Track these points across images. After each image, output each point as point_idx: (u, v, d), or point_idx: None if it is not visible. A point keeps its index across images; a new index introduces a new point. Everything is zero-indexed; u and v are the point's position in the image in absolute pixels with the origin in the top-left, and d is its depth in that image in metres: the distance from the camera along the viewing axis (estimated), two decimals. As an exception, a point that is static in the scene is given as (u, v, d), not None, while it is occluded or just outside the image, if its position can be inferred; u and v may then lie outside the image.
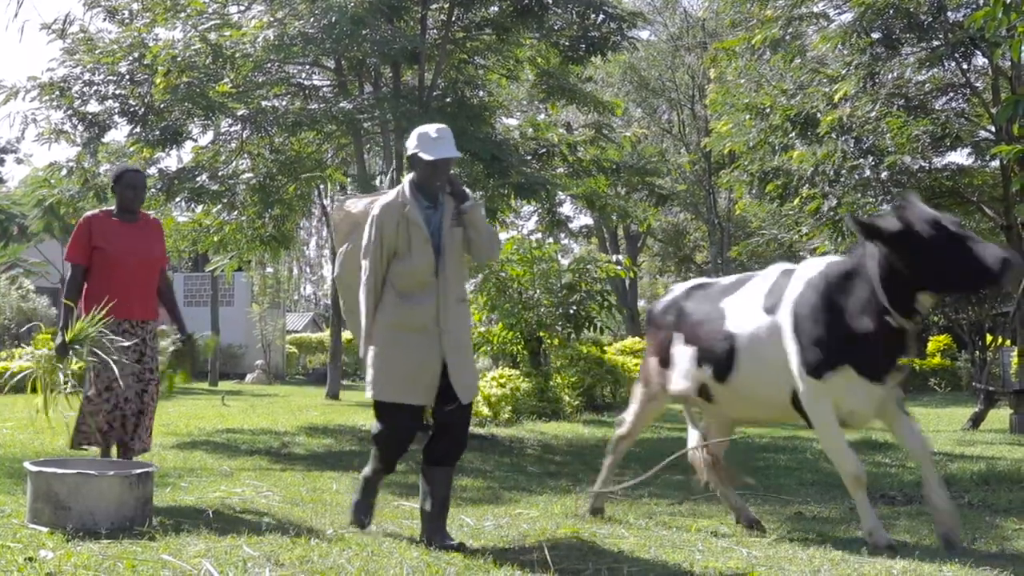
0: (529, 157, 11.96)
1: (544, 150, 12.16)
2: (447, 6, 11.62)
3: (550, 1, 11.40)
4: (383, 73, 12.22)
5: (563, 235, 18.98)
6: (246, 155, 12.19)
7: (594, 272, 14.61)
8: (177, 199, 11.78)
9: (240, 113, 11.11)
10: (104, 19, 11.86)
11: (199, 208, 12.30)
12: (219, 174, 11.89)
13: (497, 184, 11.07)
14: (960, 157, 25.95)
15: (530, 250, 14.93)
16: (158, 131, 10.87)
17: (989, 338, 20.58)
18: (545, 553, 4.62)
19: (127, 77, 11.13)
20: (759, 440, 12.11)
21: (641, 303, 42.22)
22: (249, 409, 14.68)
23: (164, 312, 6.22)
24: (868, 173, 13.02)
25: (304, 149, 12.92)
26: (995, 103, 12.82)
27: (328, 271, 33.40)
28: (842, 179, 12.69)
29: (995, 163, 13.17)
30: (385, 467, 5.18)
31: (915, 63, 12.94)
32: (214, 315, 26.45)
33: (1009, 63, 12.50)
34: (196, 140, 12.49)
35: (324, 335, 30.33)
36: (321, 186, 17.01)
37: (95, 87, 11.18)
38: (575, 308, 14.09)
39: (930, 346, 35.12)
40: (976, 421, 13.23)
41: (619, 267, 14.66)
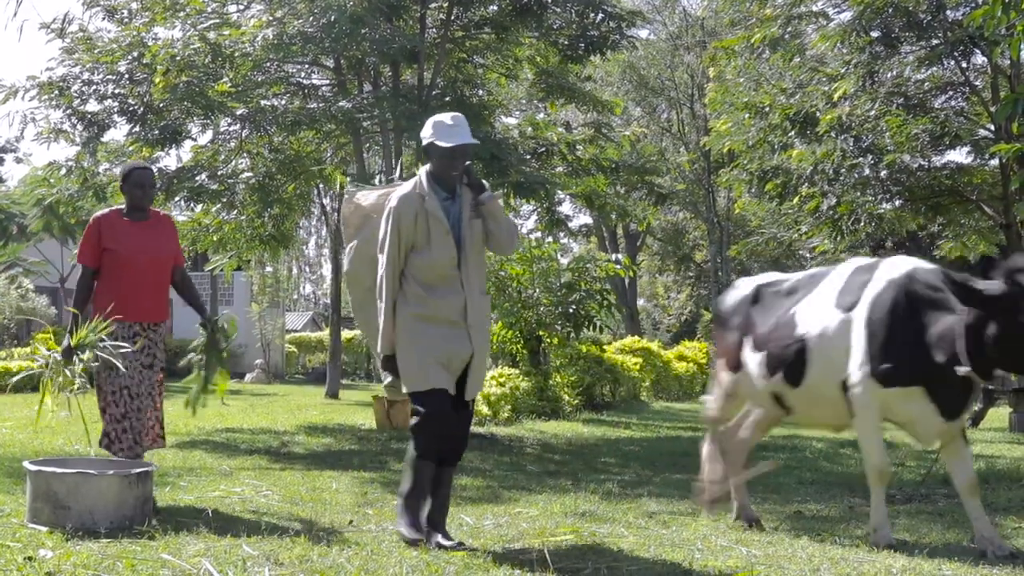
0: (528, 156, 11.96)
1: (543, 149, 12.15)
2: (446, 5, 11.62)
3: (549, 0, 11.40)
4: (382, 72, 12.22)
5: (562, 234, 18.94)
6: (245, 154, 12.19)
7: (593, 271, 14.59)
8: (176, 198, 11.79)
9: (239, 112, 11.12)
10: (103, 18, 11.87)
11: (198, 207, 12.31)
12: (218, 173, 11.89)
13: (496, 183, 11.06)
14: (959, 156, 25.93)
15: (529, 249, 14.92)
16: (157, 130, 10.88)
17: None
18: (544, 552, 4.62)
19: (126, 76, 11.14)
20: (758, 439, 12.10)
21: (640, 302, 42.25)
22: (248, 408, 14.67)
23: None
24: (867, 172, 13.03)
25: (303, 148, 12.93)
26: (994, 101, 12.83)
27: (327, 270, 33.43)
28: (841, 178, 12.70)
29: (994, 161, 13.18)
30: (431, 457, 4.83)
31: (914, 62, 12.95)
32: (213, 314, 26.39)
33: (1008, 61, 12.50)
34: (195, 139, 12.51)
35: (323, 334, 30.32)
36: (320, 185, 16.99)
37: (94, 86, 11.19)
38: (574, 307, 14.08)
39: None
40: (976, 420, 13.24)
41: (618, 266, 14.64)
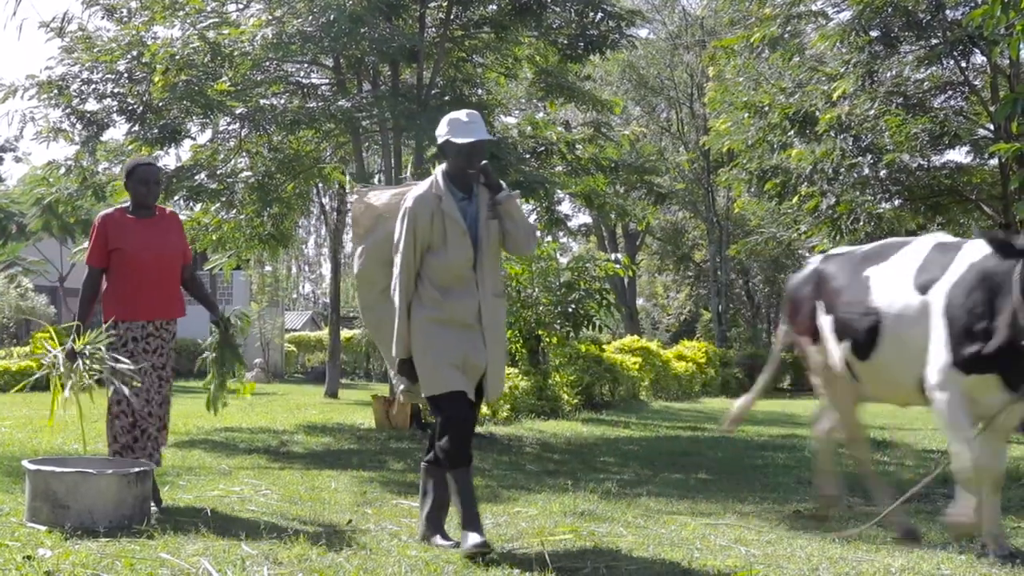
0: (528, 155, 11.96)
1: (543, 148, 12.16)
2: (445, 4, 11.62)
3: (548, -1, 11.40)
4: (381, 71, 12.22)
5: (562, 233, 18.95)
6: (244, 153, 12.18)
7: (593, 271, 14.61)
8: (175, 197, 11.77)
9: (238, 111, 11.11)
10: (102, 17, 11.86)
11: (197, 206, 12.30)
12: (218, 172, 11.88)
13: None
14: (959, 155, 25.92)
15: (529, 248, 14.91)
16: (156, 129, 10.87)
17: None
18: (543, 551, 4.62)
19: (125, 75, 11.13)
20: (757, 439, 12.12)
21: (640, 301, 42.24)
22: (247, 407, 14.67)
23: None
24: (867, 171, 13.03)
25: (303, 148, 12.92)
26: (994, 101, 12.82)
27: (327, 269, 33.42)
28: (841, 177, 12.69)
29: (994, 161, 13.17)
30: (464, 462, 4.67)
31: (914, 61, 12.94)
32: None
33: (1008, 61, 12.49)
34: (195, 138, 12.51)
35: (323, 334, 30.32)
36: (319, 184, 16.99)
37: (93, 85, 11.18)
38: (574, 306, 14.09)
39: (929, 344, 35.15)
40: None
41: (618, 265, 14.65)
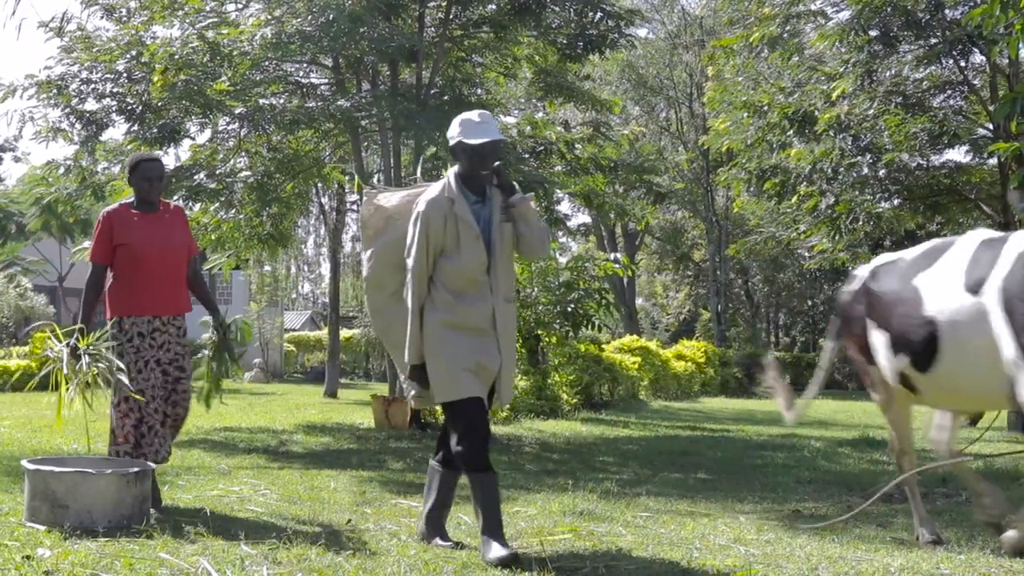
0: (527, 155, 11.96)
1: (542, 148, 12.15)
2: (445, 4, 11.62)
3: (548, -1, 11.40)
4: (381, 71, 12.22)
5: (561, 233, 18.94)
6: (244, 153, 12.18)
7: (592, 270, 14.59)
8: (175, 197, 11.77)
9: (238, 111, 11.10)
10: (102, 17, 11.87)
11: (197, 206, 12.30)
12: (217, 172, 11.88)
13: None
14: (958, 155, 26.01)
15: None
16: (156, 129, 10.87)
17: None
18: (543, 551, 4.62)
19: (125, 75, 11.13)
20: (756, 438, 12.12)
21: (639, 301, 42.25)
22: (247, 407, 14.68)
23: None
24: (866, 171, 13.05)
25: (302, 147, 12.92)
26: (993, 100, 12.84)
27: (326, 269, 33.39)
28: (840, 177, 12.71)
29: (993, 160, 13.20)
30: (483, 466, 4.57)
31: (913, 61, 12.96)
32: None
33: (1007, 60, 12.51)
34: (194, 138, 12.51)
35: (322, 333, 30.31)
36: (319, 184, 17.00)
37: (93, 85, 11.18)
38: (573, 306, 14.08)
39: (928, 344, 35.18)
40: (974, 419, 13.24)
41: (617, 265, 14.64)
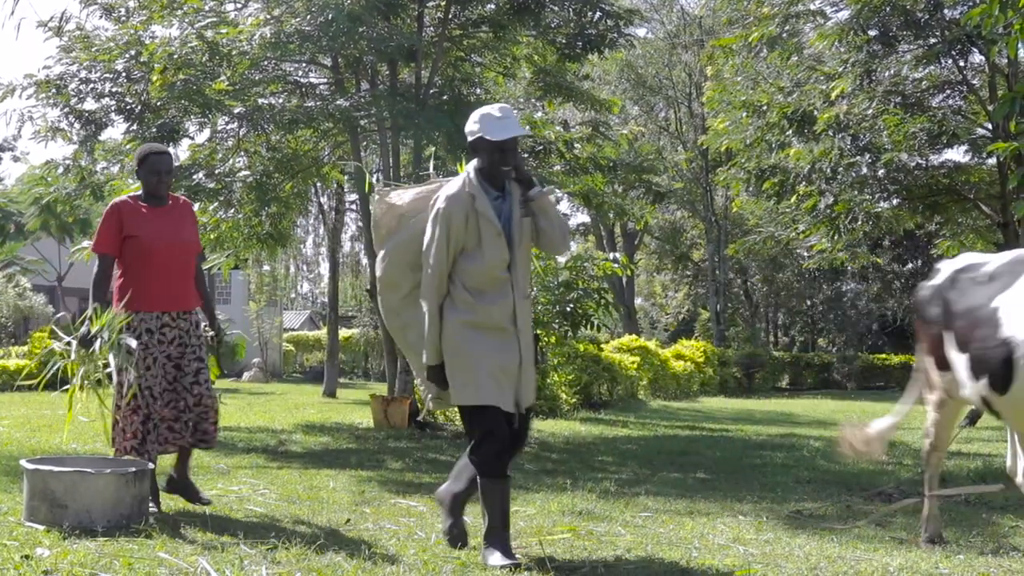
0: (526, 155, 11.96)
1: (541, 147, 12.16)
2: (444, 3, 11.62)
3: (547, -2, 11.41)
4: (380, 71, 12.22)
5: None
6: (243, 153, 12.18)
7: (591, 270, 14.58)
8: (174, 197, 11.77)
9: (237, 111, 11.11)
10: (100, 17, 11.88)
11: (196, 206, 12.28)
12: (216, 172, 11.87)
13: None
14: (957, 154, 26.02)
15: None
16: (155, 129, 10.87)
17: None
18: (542, 551, 4.62)
19: (124, 75, 11.13)
20: (755, 438, 12.12)
21: (638, 301, 42.24)
22: (246, 407, 14.68)
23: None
24: (865, 170, 13.05)
25: (301, 147, 12.92)
26: (992, 100, 12.85)
27: (325, 269, 33.37)
28: (839, 176, 12.71)
29: (992, 160, 13.20)
30: (499, 472, 4.53)
31: (912, 60, 12.96)
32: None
33: (1006, 60, 12.52)
34: (193, 138, 12.52)
35: (321, 333, 30.31)
36: (318, 183, 17.00)
37: (92, 85, 11.18)
38: (572, 306, 14.05)
39: (927, 343, 35.18)
40: (973, 419, 13.25)
41: (616, 265, 14.63)
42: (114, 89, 11.22)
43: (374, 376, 29.28)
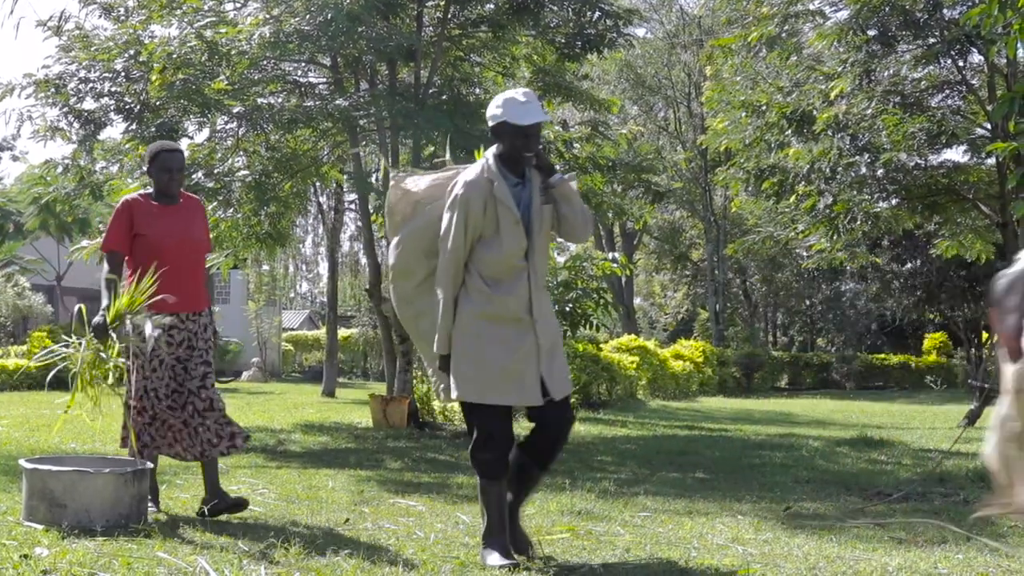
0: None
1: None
2: (443, 3, 11.61)
3: (546, -2, 11.40)
4: (379, 70, 12.22)
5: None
6: (242, 152, 12.18)
7: (590, 270, 14.60)
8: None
9: (236, 110, 11.10)
10: (100, 16, 11.87)
11: (199, 205, 12.29)
12: (215, 171, 11.87)
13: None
14: (956, 154, 26.01)
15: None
16: (154, 128, 10.85)
17: (985, 336, 20.62)
18: (541, 550, 4.62)
19: (123, 74, 11.12)
20: (754, 438, 12.13)
21: (637, 300, 42.26)
22: (245, 407, 14.68)
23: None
24: (864, 170, 13.05)
25: (300, 146, 12.92)
26: (991, 100, 12.85)
27: (324, 268, 33.36)
28: (838, 176, 12.71)
29: (991, 160, 13.20)
30: (497, 474, 4.42)
31: (911, 60, 12.96)
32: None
33: (1005, 60, 12.52)
34: (192, 137, 12.50)
35: (320, 333, 30.33)
36: (317, 183, 17.00)
37: (91, 84, 11.17)
38: (571, 306, 14.08)
39: (926, 344, 35.25)
40: (972, 418, 13.25)
41: (615, 265, 14.65)
42: (113, 89, 11.21)
43: (373, 376, 29.30)
